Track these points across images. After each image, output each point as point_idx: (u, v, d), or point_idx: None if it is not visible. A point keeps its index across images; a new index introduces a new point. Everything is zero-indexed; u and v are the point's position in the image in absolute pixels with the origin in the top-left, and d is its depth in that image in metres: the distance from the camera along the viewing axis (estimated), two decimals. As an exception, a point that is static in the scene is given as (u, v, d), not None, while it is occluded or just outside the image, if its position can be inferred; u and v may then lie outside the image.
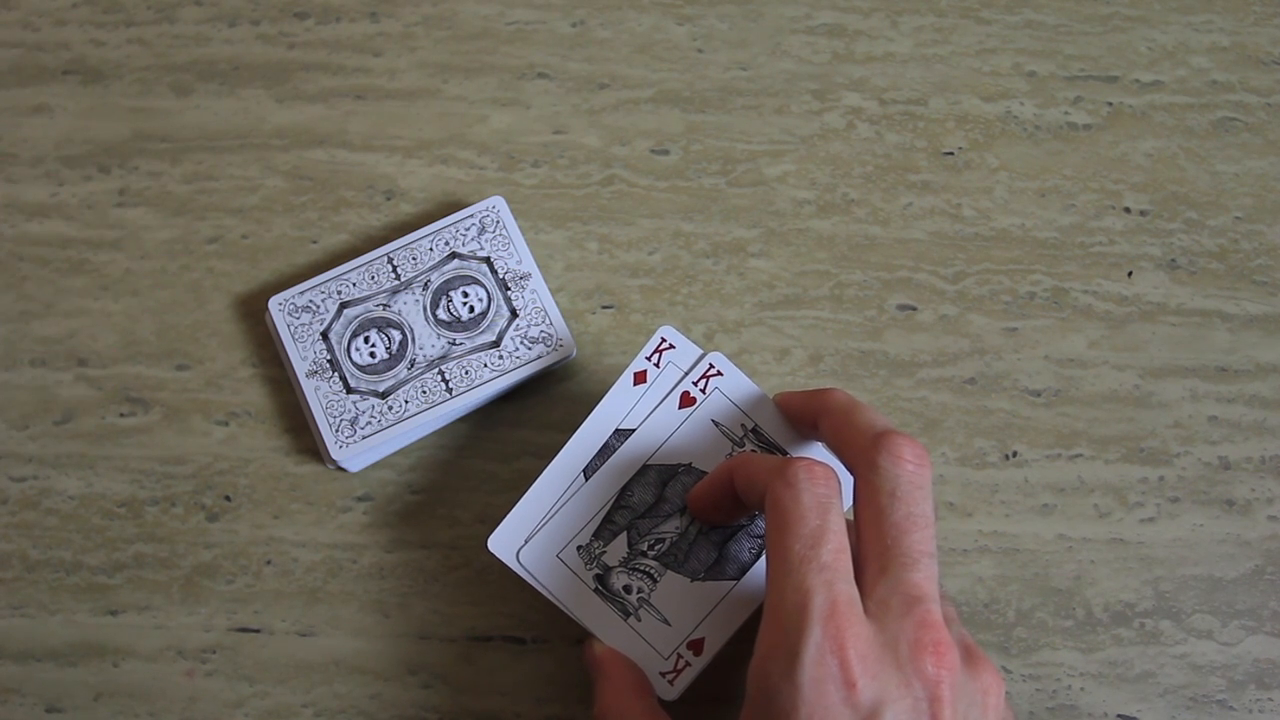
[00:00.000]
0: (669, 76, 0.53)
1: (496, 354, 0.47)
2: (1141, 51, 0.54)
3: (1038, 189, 0.52)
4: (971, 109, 0.53)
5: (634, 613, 0.41)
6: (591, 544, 0.42)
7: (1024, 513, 0.47)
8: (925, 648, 0.33)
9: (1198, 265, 0.51)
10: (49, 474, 0.48)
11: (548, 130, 0.52)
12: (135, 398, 0.48)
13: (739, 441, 0.42)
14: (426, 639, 0.46)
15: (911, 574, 0.34)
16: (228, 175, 0.51)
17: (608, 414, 0.43)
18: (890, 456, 0.35)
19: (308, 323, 0.47)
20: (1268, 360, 0.49)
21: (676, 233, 0.51)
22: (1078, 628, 0.46)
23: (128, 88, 0.52)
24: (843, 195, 0.51)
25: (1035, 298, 0.50)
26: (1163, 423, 0.49)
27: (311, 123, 0.52)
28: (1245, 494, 0.48)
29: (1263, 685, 0.46)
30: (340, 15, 0.54)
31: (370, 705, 0.45)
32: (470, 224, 0.48)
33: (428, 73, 0.53)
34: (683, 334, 0.44)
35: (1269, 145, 0.52)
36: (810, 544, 0.34)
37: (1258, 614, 0.46)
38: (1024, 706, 0.45)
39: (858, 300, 0.50)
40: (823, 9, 0.54)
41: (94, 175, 0.51)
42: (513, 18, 0.54)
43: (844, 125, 0.52)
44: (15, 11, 0.53)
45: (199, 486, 0.47)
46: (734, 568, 0.41)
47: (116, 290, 0.50)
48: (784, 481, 0.35)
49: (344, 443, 0.45)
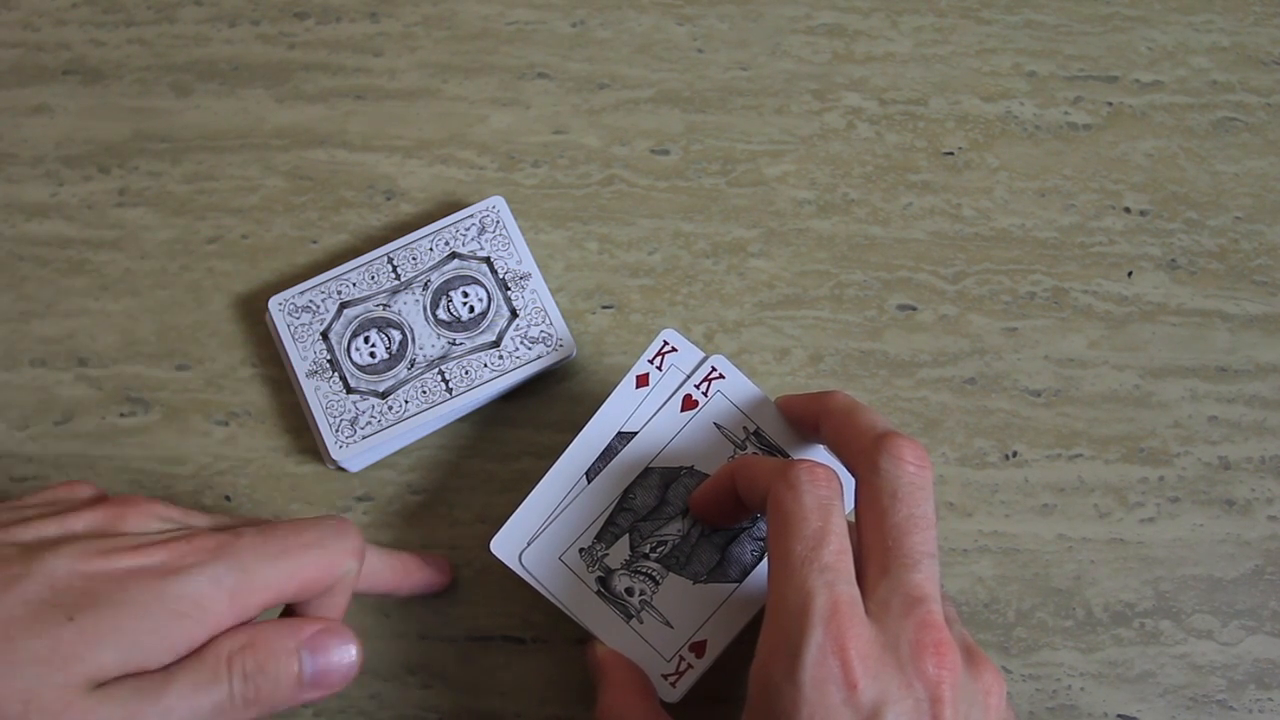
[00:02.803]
0: (669, 76, 0.53)
1: (496, 354, 0.47)
2: (1141, 51, 0.54)
3: (1038, 189, 0.52)
4: (971, 109, 0.53)
5: (636, 615, 0.41)
6: (594, 546, 0.42)
7: (1024, 513, 0.47)
8: (926, 648, 0.33)
9: (1198, 265, 0.51)
10: (49, 474, 0.47)
11: (548, 130, 0.52)
12: (135, 398, 0.48)
13: (741, 444, 0.42)
14: (426, 639, 0.46)
15: (913, 575, 0.34)
16: (228, 175, 0.51)
17: (610, 417, 0.43)
18: (891, 458, 0.35)
19: (308, 323, 0.47)
20: (1268, 360, 0.49)
21: (676, 233, 0.51)
22: (1078, 628, 0.46)
23: (128, 88, 0.52)
24: (843, 195, 0.51)
25: (1035, 298, 0.50)
26: (1163, 423, 0.49)
27: (311, 123, 0.52)
28: (1245, 494, 0.48)
29: (1263, 685, 0.46)
30: (340, 15, 0.53)
31: (370, 705, 0.45)
32: (470, 224, 0.48)
33: (428, 73, 0.53)
34: (683, 335, 0.44)
35: (1269, 145, 0.52)
36: (812, 545, 0.34)
37: (1258, 614, 0.47)
38: (1024, 706, 0.45)
39: (858, 300, 0.50)
40: (823, 9, 0.54)
41: (94, 175, 0.51)
42: (513, 18, 0.54)
43: (844, 125, 0.52)
44: (15, 11, 0.53)
45: (199, 486, 0.47)
46: (736, 570, 0.41)
47: (116, 290, 0.50)
48: (786, 483, 0.35)
49: (344, 443, 0.45)
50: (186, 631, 0.33)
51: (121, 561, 0.33)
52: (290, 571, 0.35)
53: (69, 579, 0.32)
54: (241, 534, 0.35)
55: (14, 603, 0.31)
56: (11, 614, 0.31)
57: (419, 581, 0.44)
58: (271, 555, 0.35)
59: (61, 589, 0.32)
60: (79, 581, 0.32)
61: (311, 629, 0.36)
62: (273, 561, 0.35)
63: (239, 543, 0.34)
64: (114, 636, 0.31)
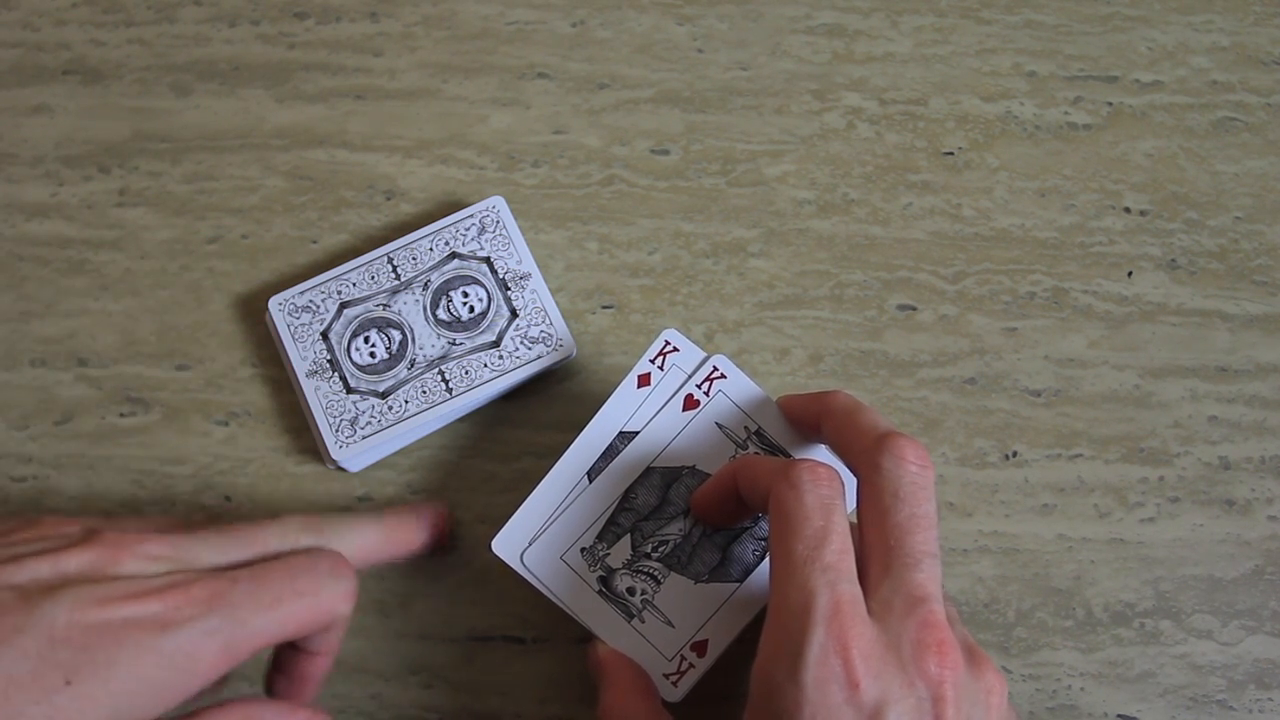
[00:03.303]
0: (669, 76, 0.53)
1: (496, 354, 0.47)
2: (1141, 51, 0.54)
3: (1038, 189, 0.52)
4: (971, 109, 0.53)
5: (637, 614, 0.41)
6: (595, 546, 0.42)
7: (1024, 513, 0.47)
8: (928, 648, 0.33)
9: (1198, 265, 0.51)
10: (49, 474, 0.47)
11: (548, 130, 0.52)
12: (135, 398, 0.48)
13: (742, 444, 0.42)
14: (427, 639, 0.46)
15: (914, 574, 0.34)
16: (228, 175, 0.51)
17: (612, 417, 0.43)
18: (893, 458, 0.35)
19: (308, 323, 0.47)
20: (1268, 360, 0.49)
21: (676, 233, 0.51)
22: (1078, 628, 0.46)
23: (128, 88, 0.52)
24: (843, 195, 0.51)
25: (1035, 298, 0.50)
26: (1163, 423, 0.49)
27: (311, 123, 0.52)
28: (1245, 494, 0.48)
29: (1263, 685, 0.46)
30: (340, 15, 0.53)
31: (370, 705, 0.45)
32: (470, 224, 0.48)
33: (428, 73, 0.53)
34: (684, 335, 0.44)
35: (1269, 145, 0.52)
36: (813, 545, 0.34)
37: (1258, 614, 0.47)
38: (1024, 706, 0.45)
39: (858, 300, 0.50)
40: (823, 9, 0.54)
41: (94, 175, 0.51)
42: (513, 18, 0.54)
43: (844, 125, 0.52)
44: (15, 11, 0.53)
45: (199, 486, 0.47)
46: (738, 569, 0.41)
47: (116, 290, 0.50)
48: (787, 483, 0.35)
49: (344, 443, 0.45)
50: (179, 684, 0.33)
51: (118, 611, 0.33)
52: (284, 619, 0.35)
53: (67, 631, 0.32)
54: (237, 580, 0.35)
55: (15, 658, 0.31)
56: (12, 672, 0.31)
57: (410, 546, 0.43)
58: (265, 605, 0.35)
59: (60, 641, 0.32)
60: (77, 635, 0.32)
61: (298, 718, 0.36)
62: (267, 611, 0.35)
63: (234, 591, 0.34)
64: (108, 701, 0.32)
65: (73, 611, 0.32)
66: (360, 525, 0.41)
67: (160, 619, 0.33)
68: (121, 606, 0.33)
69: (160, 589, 0.34)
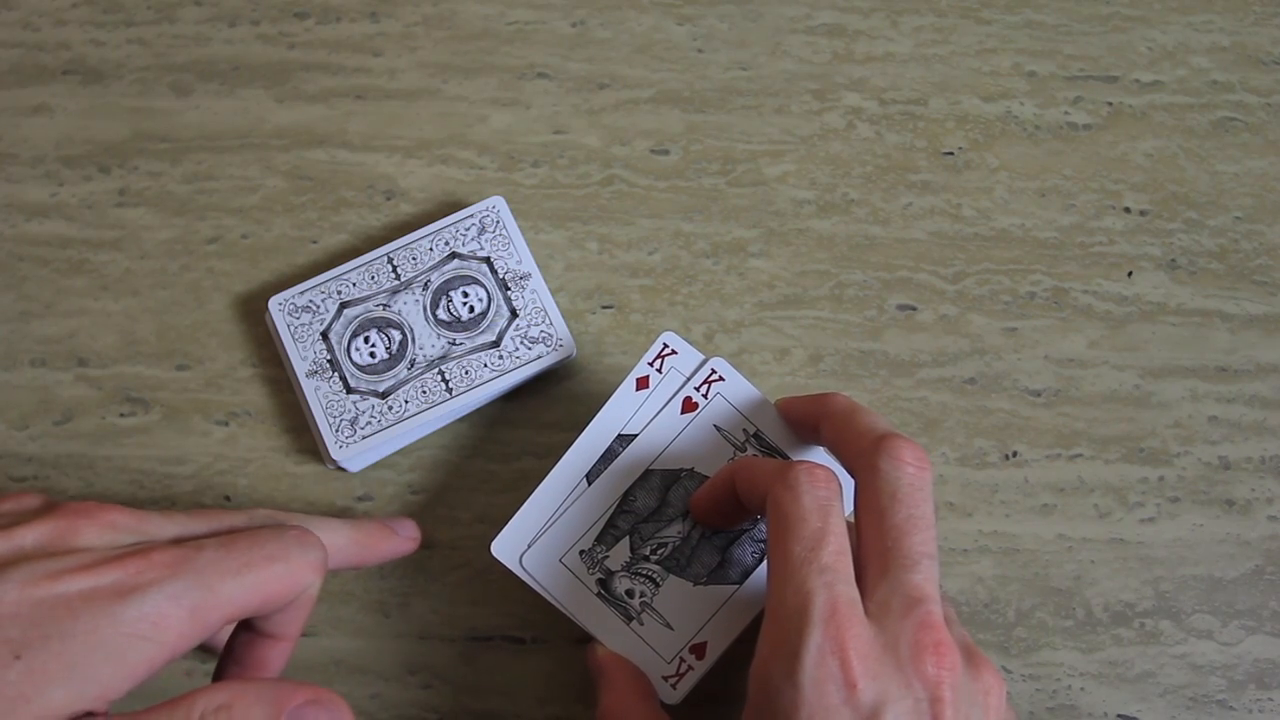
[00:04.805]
0: (669, 76, 0.53)
1: (496, 354, 0.47)
2: (1141, 51, 0.54)
3: (1038, 189, 0.52)
4: (971, 109, 0.53)
5: (636, 617, 0.41)
6: (594, 548, 0.42)
7: (1024, 513, 0.47)
8: (926, 649, 0.33)
9: (1198, 265, 0.51)
10: (49, 474, 0.47)
11: (548, 130, 0.52)
12: (135, 398, 0.48)
13: (741, 446, 0.42)
14: (427, 639, 0.46)
15: (912, 575, 0.34)
16: (228, 175, 0.51)
17: (610, 419, 0.43)
18: (891, 459, 0.35)
19: (308, 323, 0.47)
20: (1268, 360, 0.49)
21: (676, 233, 0.51)
22: (1078, 628, 0.46)
23: (128, 88, 0.52)
24: (843, 195, 0.51)
25: (1035, 298, 0.50)
26: (1163, 423, 0.49)
27: (311, 123, 0.52)
28: (1245, 494, 0.48)
29: (1263, 685, 0.46)
30: (340, 15, 0.53)
31: (370, 705, 0.45)
32: (470, 224, 0.48)
33: (428, 73, 0.53)
34: (683, 335, 0.44)
35: (1269, 145, 0.52)
36: (811, 546, 0.34)
37: (1258, 614, 0.47)
38: (1024, 706, 0.45)
39: (858, 300, 0.50)
40: (823, 9, 0.54)
41: (94, 175, 0.51)
42: (513, 18, 0.54)
43: (844, 125, 0.52)
44: (15, 11, 0.53)
45: (199, 487, 0.47)
46: (736, 571, 0.41)
47: (116, 290, 0.50)
48: (785, 484, 0.35)
49: (344, 443, 0.45)
50: (145, 655, 0.31)
51: (73, 584, 0.31)
52: (253, 586, 0.33)
53: (16, 606, 0.30)
54: (202, 547, 0.33)
55: None
56: None
57: (385, 553, 0.42)
58: (234, 570, 0.33)
59: (8, 619, 0.30)
60: (27, 609, 0.30)
61: (300, 697, 0.33)
62: (235, 576, 0.33)
63: (199, 557, 0.33)
64: (64, 674, 0.30)
65: (23, 587, 0.30)
66: (328, 525, 0.39)
67: (119, 586, 0.31)
68: (77, 578, 0.31)
69: (120, 557, 0.32)
